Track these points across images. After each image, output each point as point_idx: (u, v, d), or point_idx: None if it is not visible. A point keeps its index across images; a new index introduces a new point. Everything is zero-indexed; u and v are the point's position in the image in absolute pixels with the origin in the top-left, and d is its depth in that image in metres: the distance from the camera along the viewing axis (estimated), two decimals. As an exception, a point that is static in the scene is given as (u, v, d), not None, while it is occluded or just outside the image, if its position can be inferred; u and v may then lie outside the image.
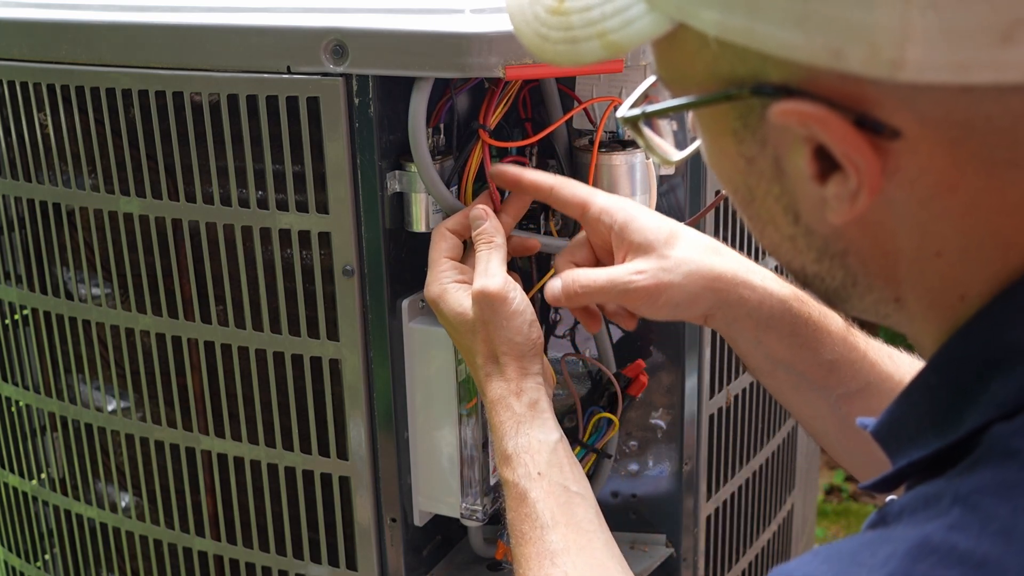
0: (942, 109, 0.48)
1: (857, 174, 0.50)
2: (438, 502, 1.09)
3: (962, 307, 0.53)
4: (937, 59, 0.45)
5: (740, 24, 0.49)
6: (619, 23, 0.55)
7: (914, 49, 0.45)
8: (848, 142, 0.49)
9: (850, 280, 0.57)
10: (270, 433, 1.13)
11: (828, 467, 3.37)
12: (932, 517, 0.48)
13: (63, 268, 1.22)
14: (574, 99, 1.06)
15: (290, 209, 1.03)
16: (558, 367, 1.12)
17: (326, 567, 1.14)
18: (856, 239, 0.55)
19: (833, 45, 0.47)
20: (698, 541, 1.23)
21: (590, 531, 0.87)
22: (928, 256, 0.53)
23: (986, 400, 0.51)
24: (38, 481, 1.35)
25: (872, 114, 0.49)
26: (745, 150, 0.55)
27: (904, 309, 0.57)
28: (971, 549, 0.45)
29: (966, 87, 0.46)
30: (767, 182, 0.56)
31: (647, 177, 1.05)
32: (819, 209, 0.53)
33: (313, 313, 1.06)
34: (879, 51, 0.46)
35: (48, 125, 1.15)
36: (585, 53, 0.57)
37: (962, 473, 0.49)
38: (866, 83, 0.48)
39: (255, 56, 1.00)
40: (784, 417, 1.41)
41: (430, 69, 0.95)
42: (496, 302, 0.93)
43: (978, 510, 0.47)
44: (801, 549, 1.61)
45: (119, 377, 1.22)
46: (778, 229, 0.58)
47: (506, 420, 0.91)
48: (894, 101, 0.48)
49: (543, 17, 0.58)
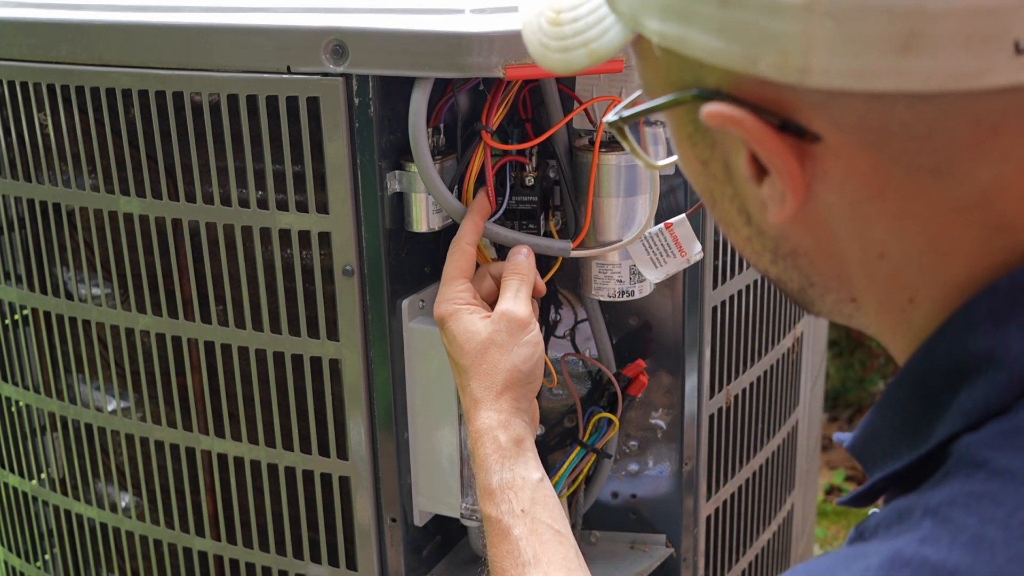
0: (855, 115, 0.49)
1: (780, 176, 0.52)
2: (438, 502, 1.09)
3: (913, 310, 0.54)
4: (841, 67, 0.47)
5: (676, 32, 0.52)
6: (598, 33, 0.59)
7: (818, 57, 0.47)
8: (766, 145, 0.51)
9: (806, 281, 0.59)
10: (270, 433, 1.13)
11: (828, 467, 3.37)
12: (904, 531, 0.49)
13: (63, 268, 1.22)
14: (574, 99, 1.06)
15: (290, 209, 1.03)
16: (558, 367, 1.12)
17: (326, 567, 1.14)
18: (802, 240, 0.56)
19: (749, 52, 0.49)
20: (698, 541, 1.23)
21: (572, 570, 0.87)
22: (872, 258, 0.54)
23: (954, 411, 0.51)
24: (38, 481, 1.35)
25: (793, 118, 0.51)
26: (699, 153, 0.58)
27: (862, 310, 0.58)
28: (942, 560, 0.46)
29: (875, 94, 0.48)
30: (721, 184, 0.58)
31: (647, 177, 1.05)
32: (762, 210, 0.56)
33: (313, 313, 1.06)
34: (788, 58, 0.47)
35: (48, 125, 1.15)
36: (575, 61, 0.62)
37: (933, 486, 0.50)
38: (784, 89, 0.50)
39: (255, 56, 1.00)
40: (784, 417, 1.41)
41: (430, 69, 0.95)
42: (517, 327, 0.95)
43: (948, 522, 0.47)
44: (801, 549, 1.61)
45: (119, 377, 1.22)
46: (737, 231, 0.60)
47: (491, 453, 0.92)
48: (810, 107, 0.50)
49: (545, 28, 0.63)
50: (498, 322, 0.95)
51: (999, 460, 0.48)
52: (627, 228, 1.05)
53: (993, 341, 0.51)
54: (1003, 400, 0.50)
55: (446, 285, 0.99)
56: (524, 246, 1.02)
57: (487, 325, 0.96)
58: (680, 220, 1.05)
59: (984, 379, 0.50)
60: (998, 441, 0.49)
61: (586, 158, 1.04)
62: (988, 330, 0.51)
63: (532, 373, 0.95)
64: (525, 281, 0.99)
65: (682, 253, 1.05)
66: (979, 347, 0.51)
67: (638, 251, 1.05)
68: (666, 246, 1.05)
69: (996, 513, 0.47)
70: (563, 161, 1.05)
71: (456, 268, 0.99)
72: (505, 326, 0.95)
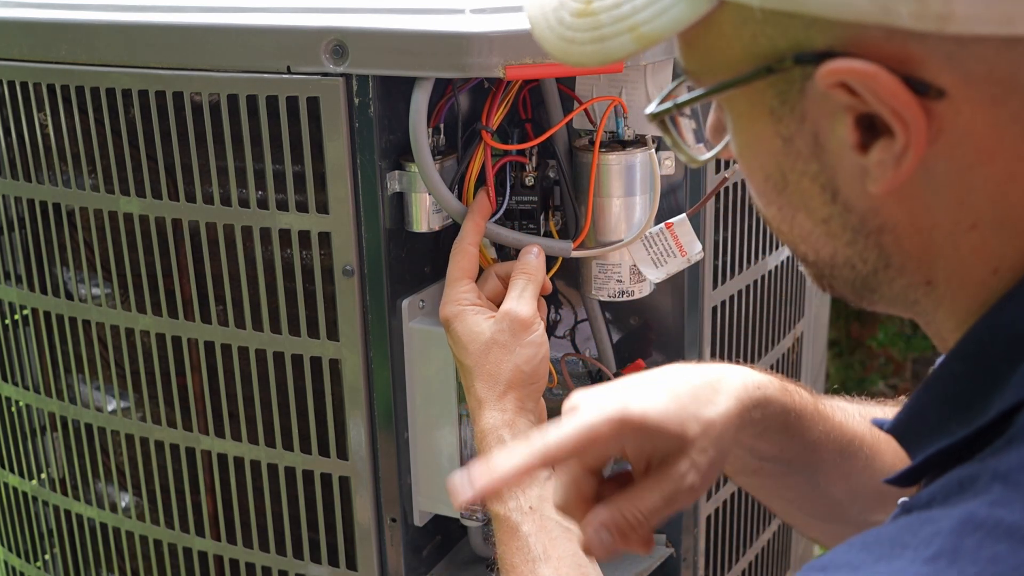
0: (986, 65, 0.48)
1: (905, 134, 0.50)
2: (438, 502, 1.09)
3: (994, 281, 0.53)
4: (983, 11, 0.46)
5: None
6: (652, 14, 0.55)
7: (961, 1, 0.46)
8: (898, 99, 0.49)
9: (883, 262, 0.57)
10: (270, 433, 1.13)
11: (828, 467, 3.36)
12: (971, 496, 0.48)
13: (63, 268, 1.22)
14: (574, 99, 1.06)
15: (290, 209, 1.03)
16: (558, 367, 1.12)
17: (326, 567, 1.14)
18: (893, 214, 0.55)
19: (882, 0, 0.47)
20: (698, 541, 1.23)
21: (582, 566, 0.87)
22: (963, 229, 0.53)
23: (1015, 381, 0.51)
24: (38, 481, 1.35)
25: (918, 74, 0.49)
26: (783, 129, 0.55)
27: (934, 292, 0.56)
28: (1017, 522, 0.46)
29: (1011, 40, 0.47)
30: (804, 161, 0.55)
31: (647, 177, 1.05)
32: (859, 181, 0.53)
33: (313, 313, 1.06)
34: (927, 5, 0.46)
35: (48, 125, 1.14)
36: (615, 49, 0.57)
37: (996, 453, 0.49)
38: (912, 41, 0.48)
39: (255, 56, 1.00)
40: (784, 417, 1.41)
41: (430, 69, 0.95)
42: (519, 327, 0.95)
43: (1020, 486, 0.47)
44: (801, 549, 1.61)
45: (119, 377, 1.22)
46: (811, 214, 0.57)
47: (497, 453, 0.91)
48: (939, 59, 0.49)
49: (568, 21, 0.58)
50: (501, 322, 0.96)
51: None
52: (627, 228, 1.05)
53: None
54: None
55: (451, 286, 0.99)
56: (535, 246, 1.02)
57: (490, 325, 0.96)
58: (681, 220, 1.05)
59: None
60: None
61: (586, 158, 1.03)
62: None
63: (535, 373, 0.95)
64: (532, 281, 0.99)
65: (682, 253, 1.05)
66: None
67: (639, 251, 1.05)
68: (666, 246, 1.05)
69: None
70: (563, 161, 1.05)
71: (460, 269, 0.99)
72: (508, 326, 0.95)
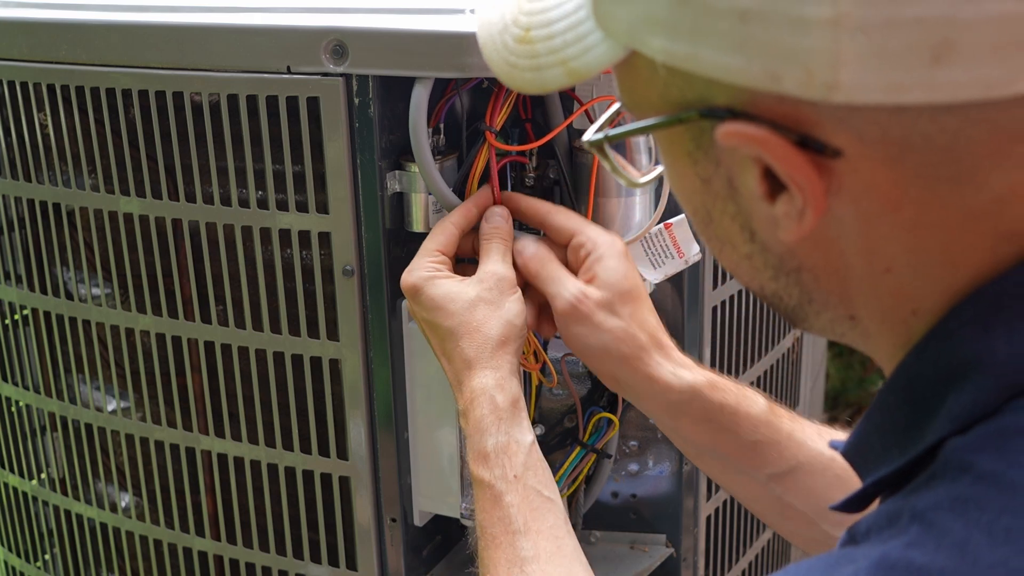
0: (879, 128, 0.49)
1: (801, 193, 0.51)
2: (438, 502, 1.09)
3: (915, 322, 0.54)
4: (870, 81, 0.46)
5: (684, 51, 0.50)
6: (579, 51, 0.57)
7: (847, 72, 0.46)
8: (790, 162, 0.50)
9: (806, 298, 0.58)
10: (270, 433, 1.13)
11: (828, 467, 3.36)
12: (892, 536, 0.49)
13: (63, 268, 1.22)
14: (574, 100, 1.06)
15: (290, 209, 1.03)
16: (558, 367, 1.12)
17: (326, 567, 1.14)
18: (809, 257, 0.56)
19: (770, 69, 0.48)
20: (698, 541, 1.23)
21: (560, 538, 0.85)
22: (878, 272, 0.54)
23: (942, 416, 0.51)
24: (38, 481, 1.35)
25: (813, 134, 0.50)
26: (700, 171, 0.57)
27: (859, 326, 0.58)
28: (927, 563, 0.47)
29: (901, 107, 0.47)
30: (722, 201, 0.57)
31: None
32: (771, 227, 0.55)
33: (313, 313, 1.06)
34: (814, 75, 0.47)
35: (48, 125, 1.15)
36: (549, 80, 0.60)
37: (919, 489, 0.50)
38: (804, 105, 0.49)
39: (255, 56, 1.00)
40: (784, 417, 1.41)
41: (430, 69, 0.95)
42: (506, 286, 0.92)
43: (934, 526, 0.48)
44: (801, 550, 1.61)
45: (119, 377, 1.22)
46: (736, 248, 0.59)
47: (487, 415, 0.88)
48: (832, 121, 0.49)
49: (511, 46, 0.61)
50: (486, 280, 0.92)
51: (984, 464, 0.48)
52: (627, 228, 1.05)
53: (980, 346, 0.51)
54: (990, 404, 0.50)
55: (419, 257, 0.94)
56: (500, 207, 0.98)
57: (473, 284, 0.92)
58: (680, 220, 1.05)
59: (971, 383, 0.50)
60: (983, 444, 0.49)
61: (586, 158, 1.03)
62: (974, 335, 0.51)
63: (523, 327, 0.92)
64: (507, 243, 0.96)
65: (680, 254, 1.05)
66: (965, 352, 0.51)
67: (637, 252, 1.05)
68: (664, 247, 1.05)
69: (981, 517, 0.47)
70: (563, 161, 1.05)
71: (435, 242, 0.95)
72: (495, 284, 0.91)
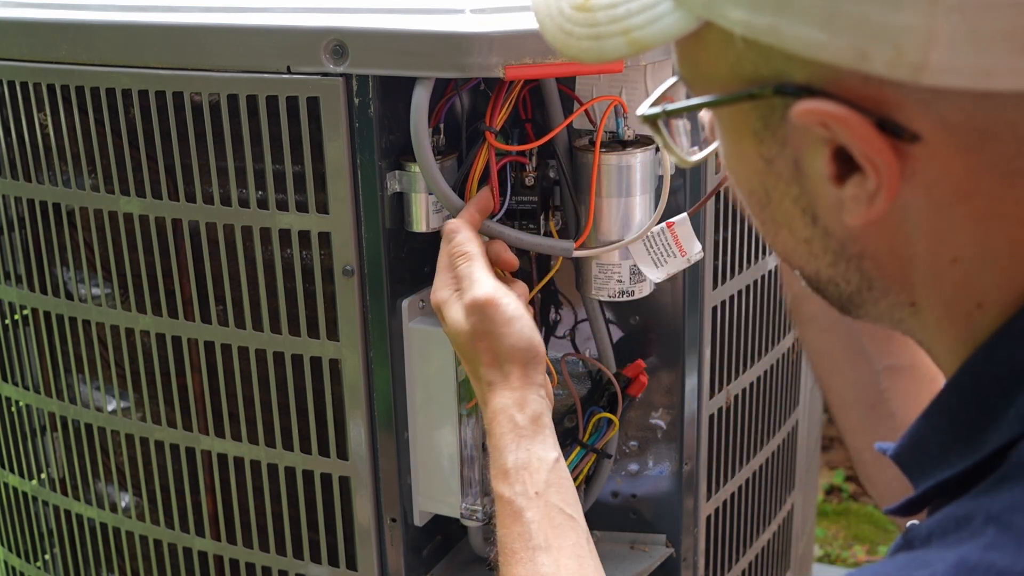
0: (962, 114, 0.48)
1: (876, 176, 0.50)
2: (438, 502, 1.09)
3: (980, 315, 0.53)
4: (960, 64, 0.45)
5: (767, 23, 0.49)
6: (645, 20, 0.55)
7: (938, 53, 0.45)
8: (869, 143, 0.49)
9: (865, 284, 0.57)
10: (270, 433, 1.13)
11: (828, 467, 3.37)
12: (967, 538, 0.48)
13: (63, 268, 1.22)
14: (574, 99, 1.06)
15: (290, 209, 1.03)
16: (558, 367, 1.12)
17: (326, 567, 1.14)
18: (872, 243, 0.55)
19: (858, 46, 0.47)
20: (698, 541, 1.23)
21: (582, 557, 0.85)
22: (944, 262, 0.53)
23: (1011, 416, 0.50)
24: (38, 481, 1.35)
25: (893, 117, 0.49)
26: (765, 151, 0.55)
27: (919, 315, 0.56)
28: (1009, 566, 0.46)
29: (987, 93, 0.46)
30: (785, 183, 0.55)
31: (647, 177, 1.05)
32: (837, 211, 0.53)
33: (313, 313, 1.06)
34: (903, 53, 0.46)
35: (48, 125, 1.14)
36: (609, 50, 0.57)
37: (990, 491, 0.50)
38: (888, 86, 0.48)
39: (255, 56, 1.00)
40: (784, 417, 1.41)
41: (430, 69, 0.95)
42: (488, 309, 0.90)
43: (1012, 528, 0.47)
44: (801, 549, 1.61)
45: (119, 377, 1.22)
46: (793, 232, 0.57)
47: (507, 433, 0.89)
48: (915, 105, 0.48)
49: (568, 13, 0.58)
50: (470, 315, 0.91)
51: None
52: (627, 228, 1.05)
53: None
54: None
55: (440, 273, 0.96)
56: (456, 222, 0.97)
57: (465, 318, 0.92)
58: (682, 219, 1.05)
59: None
60: None
61: (586, 158, 1.03)
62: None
63: (531, 345, 0.91)
64: (472, 259, 0.94)
65: (682, 253, 1.05)
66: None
67: (639, 251, 1.05)
68: (667, 245, 1.05)
69: None
70: (563, 161, 1.05)
71: (444, 253, 0.96)
72: (480, 313, 0.91)
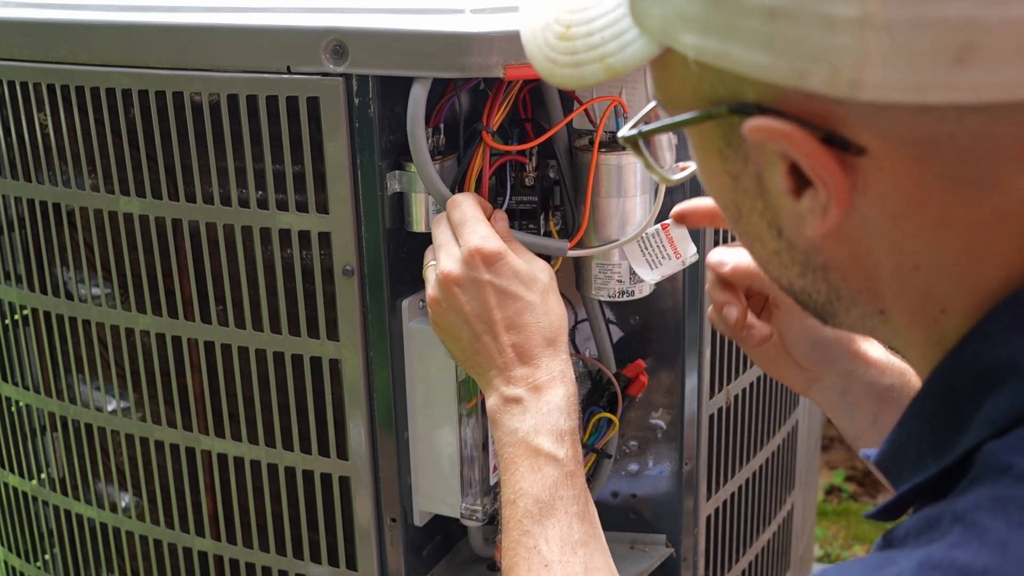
0: (903, 127, 0.49)
1: (826, 189, 0.52)
2: (438, 502, 1.09)
3: (945, 321, 0.55)
4: (894, 80, 0.47)
5: (716, 47, 0.51)
6: (616, 47, 0.58)
7: (871, 70, 0.47)
8: (815, 158, 0.51)
9: (834, 294, 0.59)
10: (270, 433, 1.13)
11: (828, 467, 3.37)
12: (935, 538, 0.50)
13: (63, 268, 1.22)
14: (574, 99, 1.06)
15: (290, 209, 1.03)
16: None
17: (326, 567, 1.14)
18: (835, 254, 0.56)
19: (797, 66, 0.49)
20: (698, 541, 1.23)
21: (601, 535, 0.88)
22: (906, 271, 0.54)
23: (979, 420, 0.52)
24: (38, 481, 1.35)
25: (838, 132, 0.51)
26: (730, 167, 0.58)
27: (889, 322, 0.58)
28: (970, 562, 0.47)
29: (925, 107, 0.48)
30: (751, 198, 0.58)
31: (646, 177, 1.05)
32: (797, 223, 0.55)
33: (313, 313, 1.06)
34: (839, 72, 0.47)
35: (48, 125, 1.15)
36: (588, 75, 0.61)
37: (960, 493, 0.51)
38: (831, 102, 0.50)
39: (255, 56, 1.00)
40: (784, 417, 1.41)
41: (430, 69, 0.95)
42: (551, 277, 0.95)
43: (975, 526, 0.48)
44: (801, 549, 1.61)
45: (119, 377, 1.22)
46: (764, 245, 0.60)
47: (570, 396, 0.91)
48: (858, 120, 0.50)
49: (553, 43, 0.62)
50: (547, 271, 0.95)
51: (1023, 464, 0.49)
52: (626, 228, 1.05)
53: (1016, 349, 0.51)
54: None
55: (480, 223, 0.93)
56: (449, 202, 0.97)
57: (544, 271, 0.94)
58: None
59: (1009, 387, 0.51)
60: (1022, 446, 0.50)
61: (586, 158, 1.03)
62: (1011, 338, 0.52)
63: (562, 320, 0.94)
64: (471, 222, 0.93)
65: (677, 254, 1.05)
66: (1002, 356, 0.52)
67: (634, 252, 1.05)
68: (661, 247, 1.05)
69: (1022, 516, 0.47)
70: (563, 161, 1.05)
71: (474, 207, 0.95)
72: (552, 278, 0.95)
